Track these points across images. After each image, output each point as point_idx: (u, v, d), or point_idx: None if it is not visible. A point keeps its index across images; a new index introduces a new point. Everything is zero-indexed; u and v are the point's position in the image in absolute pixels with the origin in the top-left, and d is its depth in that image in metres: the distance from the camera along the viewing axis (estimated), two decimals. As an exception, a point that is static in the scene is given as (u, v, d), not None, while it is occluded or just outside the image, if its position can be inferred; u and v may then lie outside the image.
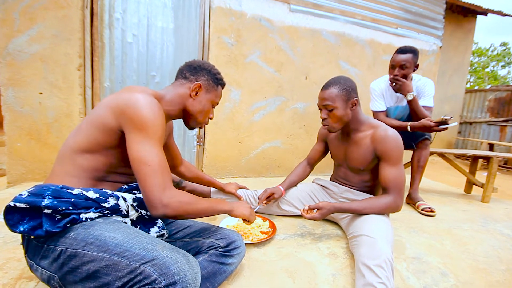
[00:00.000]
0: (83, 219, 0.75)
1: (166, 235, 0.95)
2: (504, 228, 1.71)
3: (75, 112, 2.04)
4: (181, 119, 1.11)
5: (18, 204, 0.71)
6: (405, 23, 3.08)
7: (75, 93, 2.03)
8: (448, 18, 5.73)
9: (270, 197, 1.55)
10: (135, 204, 0.87)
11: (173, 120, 1.20)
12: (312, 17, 2.66)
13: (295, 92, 2.72)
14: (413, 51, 1.89)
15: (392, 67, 1.93)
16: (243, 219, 1.10)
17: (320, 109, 1.37)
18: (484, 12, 6.51)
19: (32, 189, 0.75)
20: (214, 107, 1.12)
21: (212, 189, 1.70)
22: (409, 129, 1.89)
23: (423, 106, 1.95)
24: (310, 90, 2.77)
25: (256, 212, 1.53)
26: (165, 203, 0.78)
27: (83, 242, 0.71)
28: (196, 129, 2.44)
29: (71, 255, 0.70)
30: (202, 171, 2.49)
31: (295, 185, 1.71)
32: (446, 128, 1.77)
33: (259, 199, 1.56)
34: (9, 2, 1.82)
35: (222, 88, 1.13)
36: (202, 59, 2.37)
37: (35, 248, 0.75)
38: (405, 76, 1.90)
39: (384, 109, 2.09)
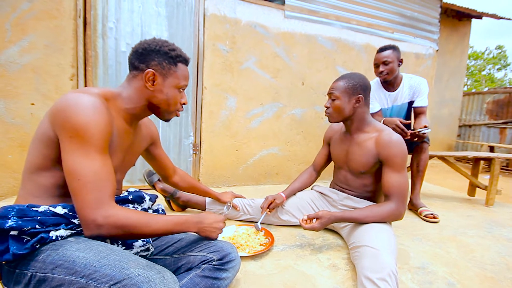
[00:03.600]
0: (53, 238, 0.70)
1: (152, 249, 0.89)
2: (510, 234, 1.66)
3: (68, 122, 2.00)
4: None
5: None
6: (400, 28, 3.08)
7: (67, 103, 1.99)
8: (444, 22, 5.76)
9: (272, 204, 1.51)
10: None
11: (166, 129, 1.15)
12: (307, 23, 2.65)
13: (292, 98, 2.69)
14: (392, 47, 1.95)
15: (376, 66, 1.99)
16: None
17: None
18: (479, 16, 6.56)
19: None
20: (182, 90, 0.94)
21: (208, 199, 1.65)
22: None
23: (420, 107, 1.98)
24: (307, 96, 2.74)
25: (261, 223, 1.48)
26: (99, 223, 0.69)
27: (52, 265, 0.66)
28: (192, 138, 2.40)
29: (40, 279, 0.65)
30: (199, 180, 2.44)
31: (299, 191, 1.66)
32: (421, 137, 1.74)
33: (261, 208, 1.51)
34: (1, 13, 1.80)
35: (186, 65, 0.94)
36: (197, 66, 2.34)
37: (8, 273, 0.70)
38: (391, 71, 1.92)
39: (378, 109, 2.08)
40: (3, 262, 0.69)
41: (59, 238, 0.71)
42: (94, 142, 0.71)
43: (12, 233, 0.67)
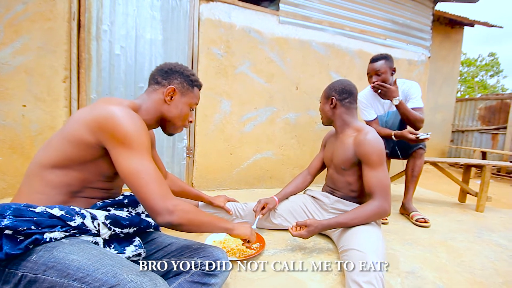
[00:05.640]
0: (47, 239, 0.69)
1: (144, 254, 0.88)
2: (499, 239, 1.67)
3: (60, 124, 1.98)
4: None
5: None
6: (393, 34, 3.13)
7: (60, 106, 1.98)
8: (436, 29, 5.87)
9: (265, 209, 1.51)
10: (107, 222, 0.81)
11: (160, 132, 1.16)
12: (301, 28, 2.68)
13: (286, 103, 2.71)
14: (385, 57, 1.93)
15: (369, 75, 1.98)
16: (243, 240, 1.09)
17: None
18: (471, 24, 6.69)
19: None
20: (192, 110, 1.08)
21: (200, 203, 1.64)
22: (393, 138, 1.89)
23: (413, 108, 1.95)
24: (301, 101, 2.76)
25: (257, 227, 1.48)
26: (171, 210, 0.77)
27: (44, 266, 0.65)
28: (186, 141, 2.40)
29: (31, 280, 0.65)
30: (192, 183, 2.44)
31: (292, 195, 1.67)
32: (424, 140, 1.77)
33: (254, 211, 1.51)
34: (-6, 15, 1.79)
35: (199, 90, 1.09)
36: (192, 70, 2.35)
37: None
38: (385, 82, 1.92)
39: (374, 117, 2.09)
40: None
41: (53, 240, 0.71)
42: (145, 148, 0.81)
43: (6, 232, 0.67)
